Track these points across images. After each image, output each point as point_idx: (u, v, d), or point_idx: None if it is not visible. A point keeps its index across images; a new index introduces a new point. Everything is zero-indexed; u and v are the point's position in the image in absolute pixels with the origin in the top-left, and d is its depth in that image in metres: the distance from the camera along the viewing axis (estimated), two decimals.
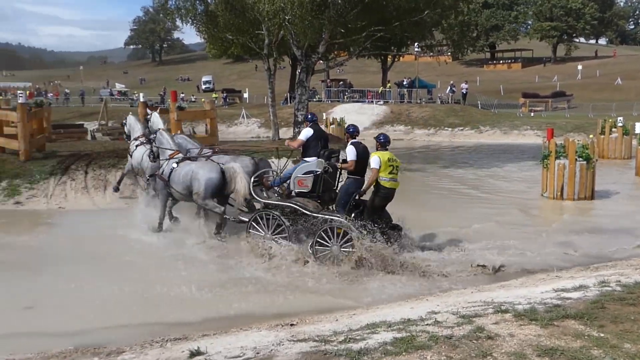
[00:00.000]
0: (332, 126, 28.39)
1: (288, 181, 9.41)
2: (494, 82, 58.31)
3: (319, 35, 19.19)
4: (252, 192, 9.58)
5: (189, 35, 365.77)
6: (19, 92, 19.27)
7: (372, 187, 8.86)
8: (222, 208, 9.95)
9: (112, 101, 49.17)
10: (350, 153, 8.98)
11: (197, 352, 4.90)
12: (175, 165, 10.43)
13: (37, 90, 57.98)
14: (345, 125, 11.56)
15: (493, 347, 4.17)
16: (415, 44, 35.49)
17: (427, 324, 5.01)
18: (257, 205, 10.00)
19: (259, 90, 52.93)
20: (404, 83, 43.18)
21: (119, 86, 66.24)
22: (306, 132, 10.02)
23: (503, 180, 17.80)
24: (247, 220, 9.43)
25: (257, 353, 4.72)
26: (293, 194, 9.25)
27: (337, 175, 9.43)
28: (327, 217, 8.80)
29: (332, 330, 5.29)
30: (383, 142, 9.03)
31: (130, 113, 14.79)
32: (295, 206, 8.98)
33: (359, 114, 37.21)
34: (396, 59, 44.31)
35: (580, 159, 13.82)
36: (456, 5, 22.26)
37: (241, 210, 10.16)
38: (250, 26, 20.53)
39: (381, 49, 28.56)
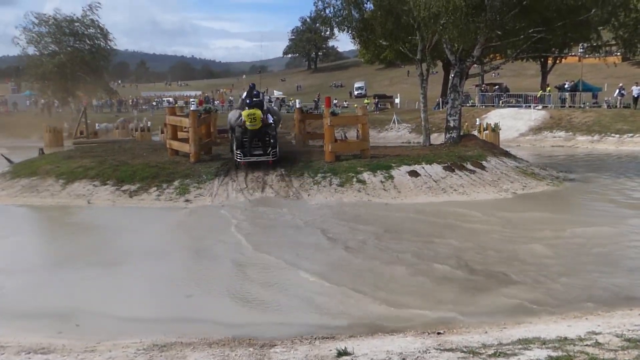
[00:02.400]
0: (485, 132, 27.43)
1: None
2: None
3: (474, 39, 18.70)
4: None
5: (343, 43, 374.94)
6: (191, 100, 21.25)
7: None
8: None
9: None
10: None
11: (344, 352, 5.06)
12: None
13: (205, 98, 62.93)
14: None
15: None
16: (580, 44, 33.07)
17: (586, 345, 4.72)
18: None
19: (411, 95, 52.65)
20: (566, 86, 40.44)
21: (277, 93, 69.64)
22: (243, 94, 17.99)
23: None
24: None
25: (403, 359, 4.77)
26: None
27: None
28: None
29: (480, 343, 5.19)
30: (256, 103, 16.33)
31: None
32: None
33: (515, 119, 35.55)
34: (557, 61, 41.65)
35: None
36: (627, 2, 20.40)
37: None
38: (404, 32, 20.57)
39: (541, 51, 26.94)
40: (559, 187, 16.80)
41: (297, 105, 22.43)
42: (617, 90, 38.23)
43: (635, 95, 36.27)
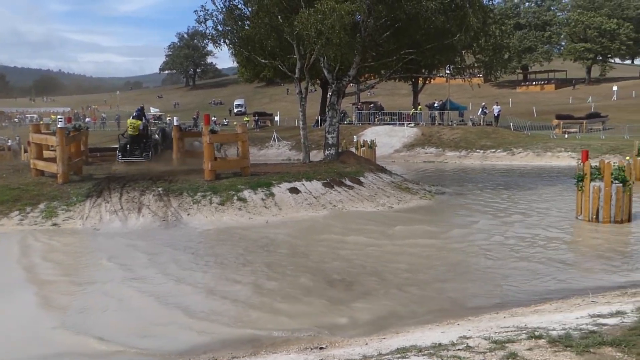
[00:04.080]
0: (362, 148, 28.40)
1: None
2: (526, 103, 57.64)
3: (351, 58, 19.30)
4: None
5: (222, 59, 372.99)
6: (58, 116, 19.97)
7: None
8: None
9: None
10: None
11: None
12: None
13: (75, 115, 59.49)
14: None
15: None
16: (447, 66, 35.38)
17: (458, 349, 4.94)
18: None
19: (290, 113, 53.40)
20: (435, 105, 43.06)
21: (153, 110, 67.44)
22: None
23: (536, 202, 17.40)
24: None
25: None
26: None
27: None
28: None
29: (361, 354, 5.26)
30: (136, 116, 20.71)
31: None
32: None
33: (390, 136, 37.23)
34: (427, 82, 44.23)
35: (617, 181, 13.52)
36: (486, 29, 22.13)
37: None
38: (283, 50, 20.77)
39: (412, 71, 28.51)
40: (431, 201, 17.70)
41: (175, 123, 21.72)
42: (480, 109, 41.31)
43: (496, 114, 39.47)
